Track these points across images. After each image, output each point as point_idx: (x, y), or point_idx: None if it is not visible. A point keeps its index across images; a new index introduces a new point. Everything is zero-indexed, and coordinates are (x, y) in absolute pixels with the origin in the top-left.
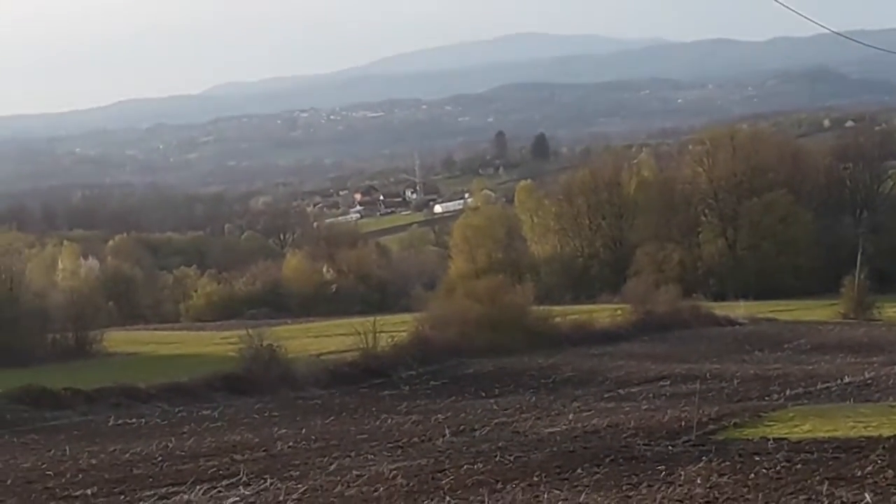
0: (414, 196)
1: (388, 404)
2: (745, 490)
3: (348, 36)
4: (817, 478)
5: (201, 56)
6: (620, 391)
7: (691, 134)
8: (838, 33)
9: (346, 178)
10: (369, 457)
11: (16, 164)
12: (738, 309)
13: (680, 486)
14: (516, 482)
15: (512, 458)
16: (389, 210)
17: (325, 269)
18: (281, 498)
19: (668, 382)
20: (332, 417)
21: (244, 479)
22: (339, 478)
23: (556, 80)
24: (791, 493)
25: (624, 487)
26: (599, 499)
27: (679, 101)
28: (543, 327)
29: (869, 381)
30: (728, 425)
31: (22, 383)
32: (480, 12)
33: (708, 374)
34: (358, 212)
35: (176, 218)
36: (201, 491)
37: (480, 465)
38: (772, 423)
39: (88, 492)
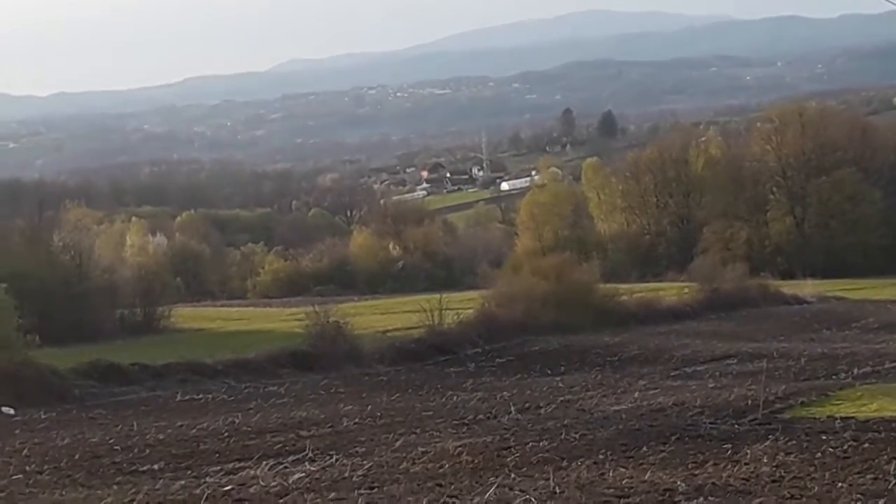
0: (480, 173)
1: (454, 381)
2: (812, 469)
3: (415, 13)
4: (885, 457)
5: (269, 33)
6: (686, 369)
7: (759, 112)
8: None
9: (412, 156)
10: (434, 434)
11: (85, 140)
12: (806, 287)
13: (746, 464)
14: (581, 460)
15: (577, 436)
16: (456, 187)
17: (391, 247)
18: (346, 474)
19: (735, 361)
20: (397, 394)
21: (310, 455)
22: (404, 454)
23: (622, 58)
24: (858, 473)
25: (690, 466)
26: (665, 477)
27: (747, 78)
28: (610, 305)
29: None
30: (795, 404)
31: (90, 359)
32: None
33: (775, 353)
34: (425, 189)
35: (243, 195)
36: (267, 466)
37: (546, 443)
38: (839, 402)
39: (155, 467)
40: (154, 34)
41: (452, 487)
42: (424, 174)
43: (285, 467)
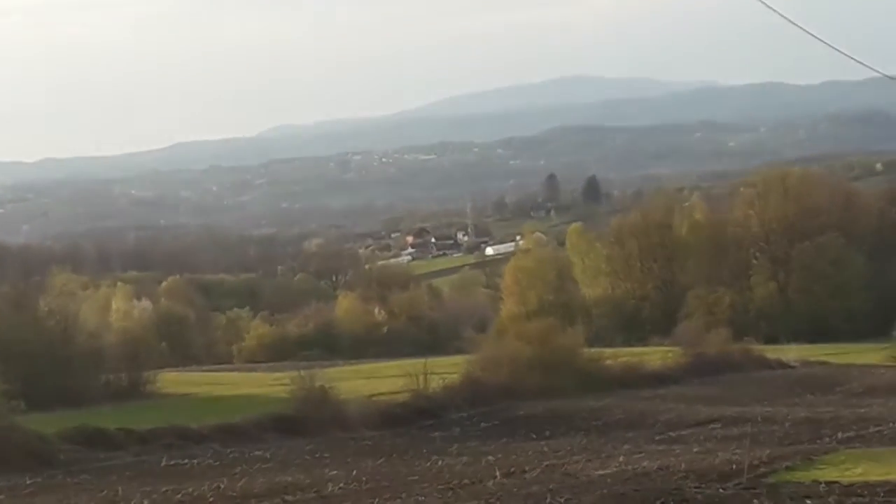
0: (465, 238)
1: (439, 446)
2: None
3: (400, 79)
4: None
5: (255, 98)
6: (671, 433)
7: (743, 177)
8: (890, 77)
9: (397, 221)
10: (420, 498)
11: (71, 205)
12: (790, 352)
13: None
14: None
15: (562, 501)
16: (441, 252)
17: (376, 311)
18: None
19: (720, 425)
20: (382, 459)
21: None
22: None
23: (607, 123)
24: None
25: None
26: None
27: (730, 144)
28: (594, 369)
29: None
30: (779, 468)
31: (76, 424)
32: (531, 56)
33: (759, 417)
34: (409, 254)
35: (229, 259)
36: None
37: None
38: (823, 467)
39: None
40: (141, 100)
41: None
42: (409, 239)
43: None
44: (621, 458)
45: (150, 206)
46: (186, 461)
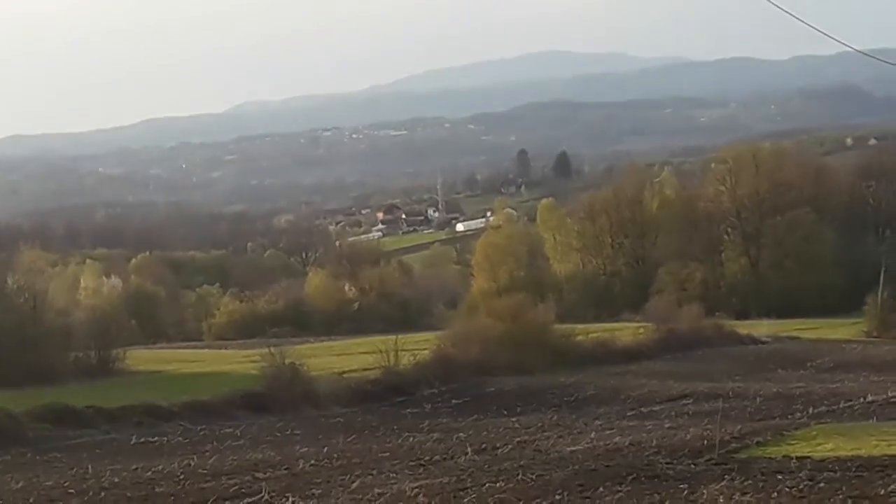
0: (436, 214)
1: (410, 423)
2: None
3: (371, 55)
4: (840, 497)
5: (225, 75)
6: (643, 409)
7: (714, 152)
8: (861, 51)
9: (368, 197)
10: (391, 475)
11: (40, 182)
12: (761, 327)
13: None
14: (538, 500)
15: (534, 477)
16: (411, 228)
17: (347, 288)
18: None
19: (691, 401)
20: (353, 436)
21: (266, 497)
22: (361, 496)
23: (579, 99)
24: None
25: None
26: None
27: (702, 119)
28: (566, 346)
29: (892, 400)
30: (751, 444)
31: (45, 402)
32: (502, 31)
33: (730, 393)
34: (380, 230)
35: (199, 236)
36: None
37: (502, 484)
38: (795, 442)
39: None
40: (110, 76)
41: None
42: (380, 215)
43: None
44: (593, 435)
45: (119, 182)
46: (156, 439)
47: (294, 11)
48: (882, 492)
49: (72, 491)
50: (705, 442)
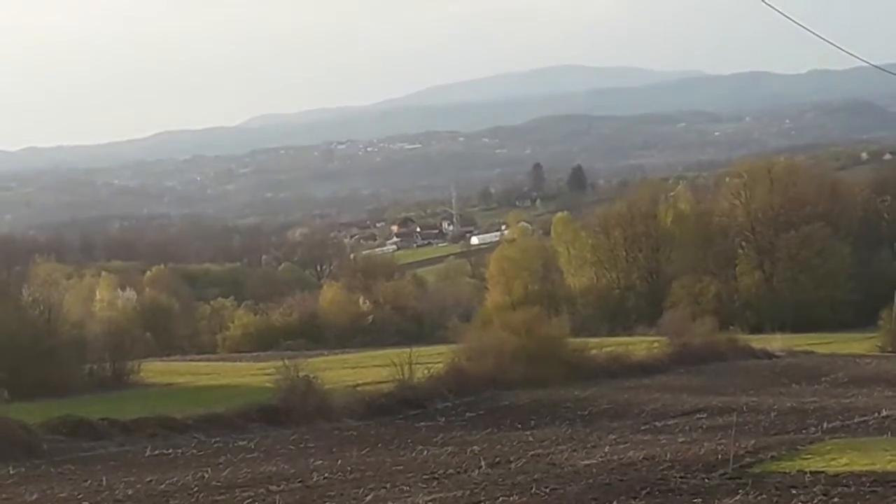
0: (450, 228)
1: (424, 436)
2: None
3: (386, 68)
4: None
5: (240, 88)
6: (657, 423)
7: (728, 166)
8: (876, 66)
9: (383, 210)
10: (405, 489)
11: (55, 194)
12: (775, 341)
13: None
14: None
15: (548, 491)
16: (426, 242)
17: (361, 301)
18: None
19: (705, 415)
20: (367, 449)
21: None
22: None
23: (593, 113)
24: None
25: None
26: None
27: (716, 133)
28: (579, 359)
29: None
30: (765, 458)
31: (59, 413)
32: (518, 44)
33: (744, 407)
34: (395, 243)
35: (213, 249)
36: None
37: (516, 498)
38: (809, 457)
39: None
40: (125, 89)
41: None
42: (394, 229)
43: None
44: (606, 448)
45: (133, 195)
46: (170, 451)
47: (309, 25)
48: None
49: (86, 503)
50: (719, 456)
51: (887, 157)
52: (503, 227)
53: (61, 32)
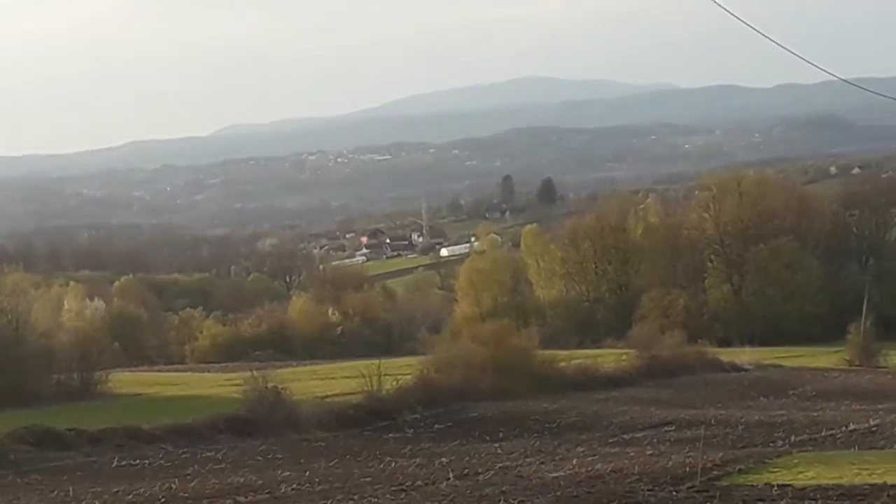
0: (420, 239)
1: (392, 447)
2: None
3: (357, 79)
4: None
5: (210, 98)
6: (625, 436)
7: (698, 179)
8: (845, 80)
9: (352, 221)
10: (373, 500)
11: (23, 203)
12: (744, 355)
13: None
14: None
15: (516, 503)
16: (395, 253)
17: (330, 312)
18: None
19: (673, 428)
20: (335, 460)
21: None
22: None
23: (564, 125)
24: None
25: None
26: None
27: (686, 146)
28: (548, 371)
29: (874, 429)
30: (732, 471)
31: (27, 424)
32: (489, 56)
33: (712, 420)
34: (364, 254)
35: (182, 259)
36: None
37: None
38: (776, 470)
39: None
40: (95, 98)
41: None
42: (364, 240)
43: None
44: (575, 461)
45: (102, 205)
46: (138, 462)
47: (280, 36)
48: None
49: None
50: (687, 469)
51: (856, 170)
52: (473, 239)
53: (32, 41)
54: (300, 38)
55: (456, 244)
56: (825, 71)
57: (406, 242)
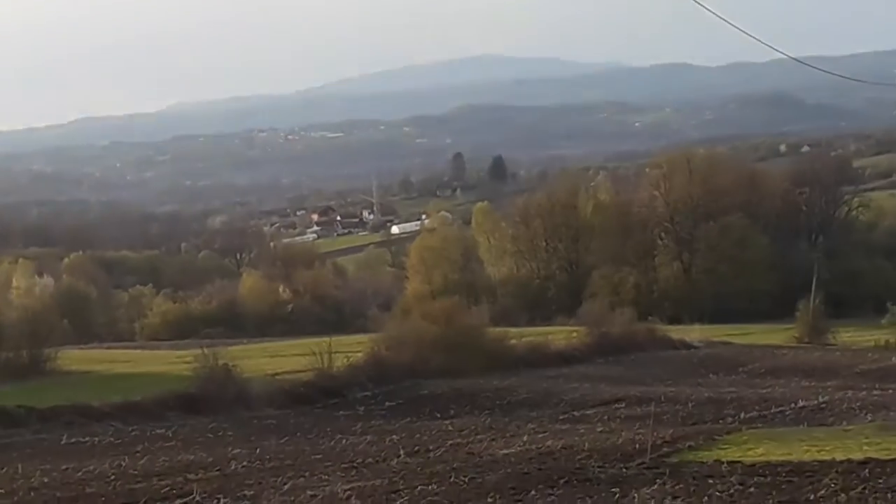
0: (371, 217)
1: (343, 425)
2: None
3: (308, 56)
4: (770, 501)
5: (159, 74)
6: (575, 413)
7: (648, 158)
8: (796, 59)
9: (303, 199)
10: (323, 477)
11: None
12: (693, 332)
13: None
14: (470, 503)
15: (466, 480)
16: (346, 231)
17: (281, 289)
18: None
19: (623, 405)
20: (286, 437)
21: (197, 498)
22: (293, 498)
23: (515, 103)
24: None
25: None
26: None
27: (636, 124)
28: (499, 349)
29: (823, 406)
30: (682, 448)
31: None
32: (440, 34)
33: (662, 397)
34: (315, 232)
35: (132, 236)
36: None
37: (435, 487)
38: (726, 447)
39: None
40: (43, 74)
41: None
42: (315, 217)
43: None
44: (525, 438)
45: (51, 181)
46: (87, 439)
47: (230, 13)
48: (812, 496)
49: (1, 491)
50: (637, 446)
51: (805, 148)
52: (424, 217)
53: None
54: (249, 15)
55: (407, 222)
56: (776, 49)
57: (357, 220)
